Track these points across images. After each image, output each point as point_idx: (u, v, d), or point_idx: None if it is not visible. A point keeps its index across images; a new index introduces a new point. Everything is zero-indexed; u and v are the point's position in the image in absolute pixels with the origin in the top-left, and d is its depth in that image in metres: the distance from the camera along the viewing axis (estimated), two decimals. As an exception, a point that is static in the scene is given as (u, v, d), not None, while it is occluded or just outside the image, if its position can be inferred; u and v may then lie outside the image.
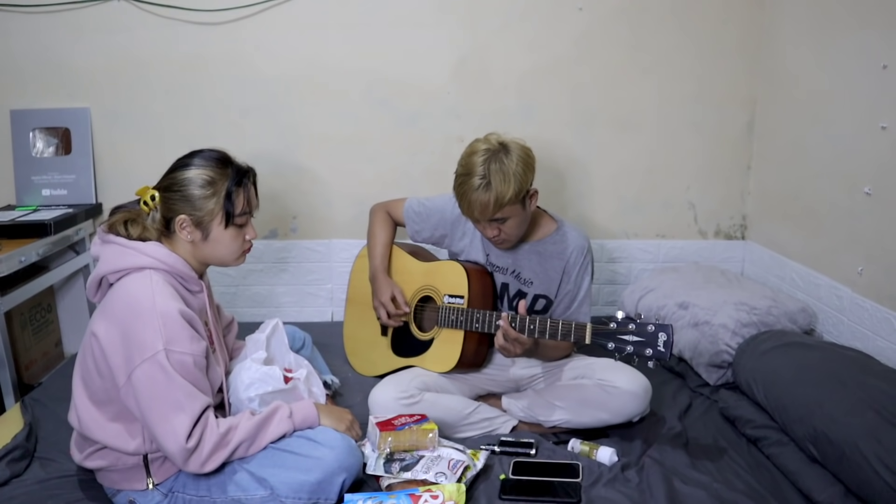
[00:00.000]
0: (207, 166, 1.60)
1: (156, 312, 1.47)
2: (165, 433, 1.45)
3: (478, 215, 1.86)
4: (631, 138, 2.75)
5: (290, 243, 2.82)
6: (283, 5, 2.60)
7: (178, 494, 1.57)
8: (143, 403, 1.46)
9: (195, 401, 1.47)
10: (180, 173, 1.60)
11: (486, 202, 1.81)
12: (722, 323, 2.18)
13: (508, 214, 1.86)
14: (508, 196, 1.81)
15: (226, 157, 1.65)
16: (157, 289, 1.51)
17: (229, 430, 1.52)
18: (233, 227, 1.63)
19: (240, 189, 1.62)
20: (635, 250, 2.86)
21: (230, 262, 1.70)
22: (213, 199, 1.59)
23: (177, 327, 1.48)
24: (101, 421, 1.55)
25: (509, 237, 1.93)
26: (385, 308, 2.08)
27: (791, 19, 2.49)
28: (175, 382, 1.45)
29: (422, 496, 1.54)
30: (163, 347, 1.45)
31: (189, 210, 1.59)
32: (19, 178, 2.66)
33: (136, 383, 1.46)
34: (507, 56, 2.67)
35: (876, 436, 1.56)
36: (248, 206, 1.66)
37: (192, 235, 1.61)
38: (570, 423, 1.94)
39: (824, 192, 2.31)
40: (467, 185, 1.83)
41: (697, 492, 1.66)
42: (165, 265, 1.56)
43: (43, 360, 2.63)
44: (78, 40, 2.60)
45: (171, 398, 1.45)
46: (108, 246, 1.59)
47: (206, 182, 1.59)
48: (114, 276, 1.56)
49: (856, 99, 2.14)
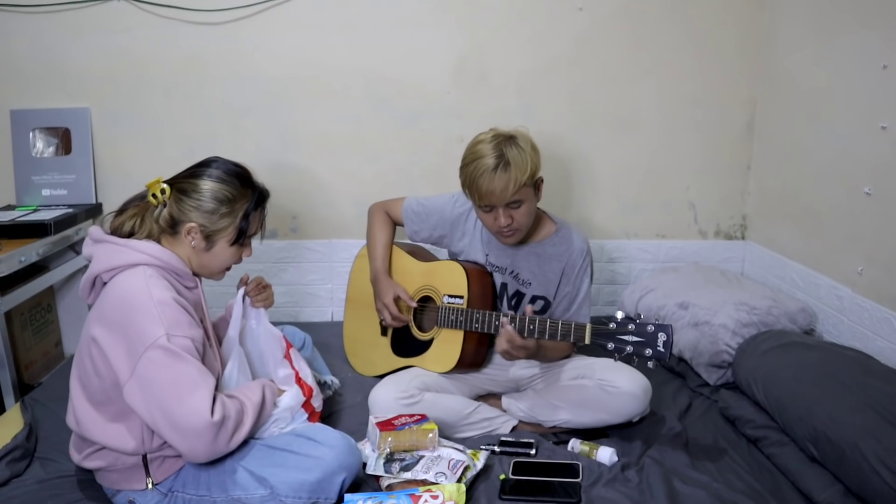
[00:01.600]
0: (230, 182, 1.60)
1: (152, 302, 1.47)
2: (187, 414, 1.42)
3: (498, 198, 1.84)
4: (631, 138, 2.75)
5: (290, 243, 2.82)
6: (283, 5, 2.60)
7: (177, 494, 1.57)
8: (154, 392, 1.43)
9: (208, 376, 1.47)
10: (201, 181, 1.59)
11: (506, 182, 1.82)
12: (722, 323, 2.18)
13: (523, 197, 1.87)
14: (527, 175, 1.83)
15: (249, 175, 1.66)
16: (152, 282, 1.51)
17: (241, 405, 1.53)
18: (237, 245, 1.65)
19: (256, 213, 1.64)
20: (635, 250, 2.86)
21: (216, 276, 1.70)
22: (229, 219, 1.60)
23: (175, 313, 1.48)
24: (100, 422, 1.55)
25: (520, 226, 1.92)
26: (388, 309, 2.08)
27: (791, 19, 2.49)
28: (184, 361, 1.45)
29: (422, 496, 1.54)
30: (164, 332, 1.44)
31: (201, 220, 1.59)
32: (19, 178, 2.66)
33: (143, 373, 1.44)
34: (507, 56, 2.67)
35: (876, 436, 1.56)
36: (260, 228, 1.67)
37: (197, 244, 1.61)
38: (570, 423, 1.94)
39: (824, 192, 2.31)
40: (483, 167, 1.83)
41: (697, 492, 1.66)
42: (159, 261, 1.56)
43: (43, 360, 2.63)
44: (78, 40, 2.60)
45: (184, 378, 1.43)
46: (100, 245, 1.58)
47: (225, 199, 1.59)
48: (107, 274, 1.55)
49: (856, 99, 2.14)
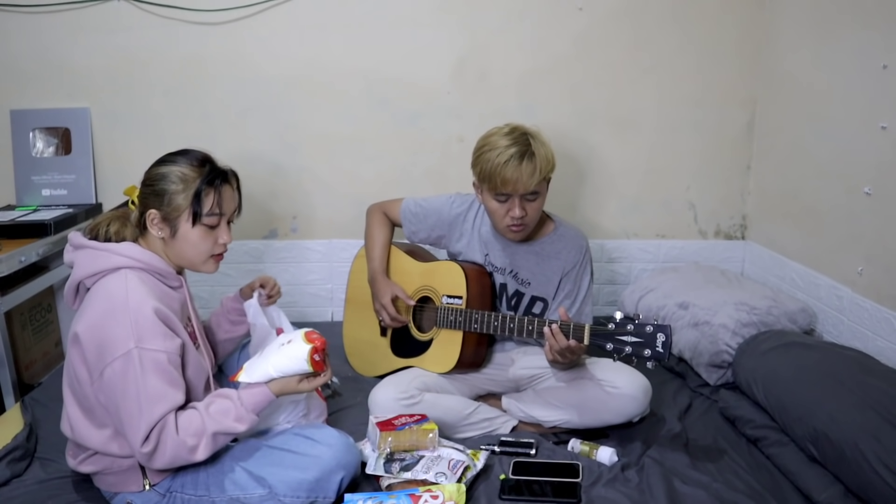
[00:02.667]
0: (184, 164, 1.60)
1: (128, 310, 1.47)
2: (130, 431, 1.45)
3: (520, 186, 1.84)
4: (631, 138, 2.75)
5: (290, 243, 2.82)
6: (283, 5, 2.60)
7: (176, 494, 1.57)
8: (113, 401, 1.46)
9: (158, 403, 1.45)
10: (157, 168, 1.61)
11: (532, 170, 1.83)
12: (722, 323, 2.18)
13: (540, 190, 1.89)
14: (550, 165, 1.87)
15: (206, 157, 1.64)
16: (132, 286, 1.50)
17: (193, 437, 1.48)
18: (201, 227, 1.61)
19: (210, 188, 1.60)
20: (635, 250, 2.86)
21: (199, 265, 1.66)
22: (182, 195, 1.58)
23: (148, 324, 1.47)
24: (91, 428, 1.55)
25: (530, 221, 1.93)
26: (386, 310, 2.08)
27: (791, 19, 2.49)
28: (140, 383, 1.44)
29: (422, 496, 1.54)
30: (135, 345, 1.44)
31: (158, 205, 1.58)
32: (19, 178, 2.66)
33: (107, 381, 1.46)
34: (507, 56, 2.67)
35: (876, 436, 1.56)
36: (219, 208, 1.62)
37: (162, 231, 1.60)
38: (570, 423, 1.94)
39: (824, 192, 2.31)
40: (507, 156, 1.83)
41: (697, 492, 1.66)
42: (141, 263, 1.56)
43: (43, 360, 2.63)
44: (78, 40, 2.60)
45: (136, 399, 1.44)
46: (80, 251, 1.58)
47: (178, 178, 1.58)
48: (90, 280, 1.56)
49: (856, 99, 2.14)
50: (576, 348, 1.74)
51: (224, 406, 1.53)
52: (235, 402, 1.53)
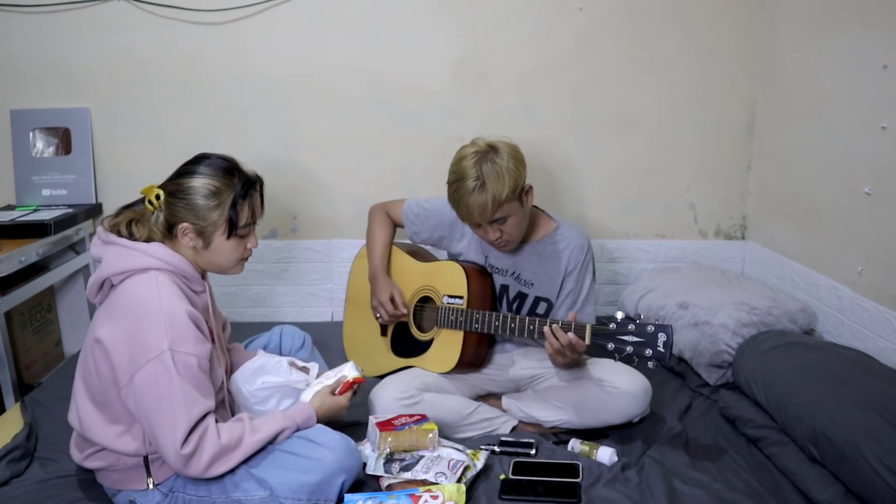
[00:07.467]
0: (214, 176, 1.59)
1: (162, 313, 1.47)
2: (165, 435, 1.45)
3: (478, 218, 1.85)
4: (631, 138, 2.75)
5: (290, 243, 2.82)
6: (283, 5, 2.60)
7: (178, 494, 1.57)
8: (144, 405, 1.46)
9: (194, 405, 1.46)
10: (186, 180, 1.59)
11: (483, 203, 1.81)
12: (722, 323, 2.18)
13: (507, 213, 1.86)
14: (505, 193, 1.81)
15: (233, 165, 1.63)
16: (164, 289, 1.51)
17: (231, 443, 1.51)
18: (235, 238, 1.62)
19: (245, 201, 1.61)
20: (635, 250, 2.86)
21: (228, 270, 1.68)
22: (218, 211, 1.58)
23: (183, 328, 1.48)
24: (102, 423, 1.55)
25: (512, 238, 1.92)
26: (383, 308, 2.08)
27: (791, 19, 2.49)
28: (176, 385, 1.45)
29: (422, 496, 1.54)
30: (168, 347, 1.45)
31: (192, 219, 1.58)
32: (19, 178, 2.66)
33: (139, 384, 1.45)
34: (507, 56, 2.67)
35: (876, 436, 1.56)
36: (252, 218, 1.65)
37: (194, 243, 1.60)
38: (570, 423, 1.94)
39: (824, 192, 2.31)
40: (462, 190, 1.83)
41: (697, 492, 1.67)
42: (170, 265, 1.56)
43: (43, 360, 2.63)
44: (78, 40, 2.60)
45: (171, 401, 1.44)
46: (110, 247, 1.57)
47: (210, 192, 1.57)
48: (117, 277, 1.55)
49: (856, 99, 2.14)
50: (576, 345, 1.74)
51: (265, 418, 1.61)
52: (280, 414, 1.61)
